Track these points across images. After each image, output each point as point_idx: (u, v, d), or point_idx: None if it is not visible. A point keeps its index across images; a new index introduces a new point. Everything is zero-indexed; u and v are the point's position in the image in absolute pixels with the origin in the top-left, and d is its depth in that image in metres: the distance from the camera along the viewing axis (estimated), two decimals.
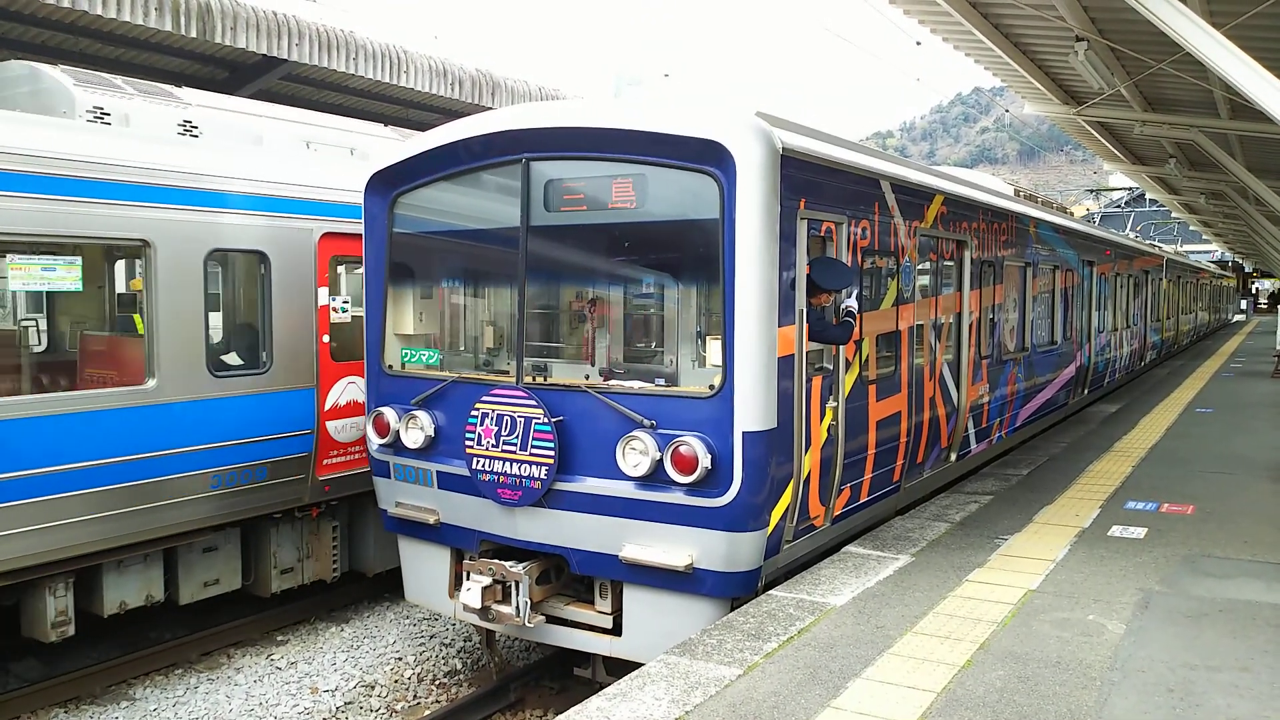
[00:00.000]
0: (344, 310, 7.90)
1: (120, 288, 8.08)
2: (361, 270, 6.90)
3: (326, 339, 7.76)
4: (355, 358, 7.72)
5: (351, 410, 7.92)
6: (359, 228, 6.84)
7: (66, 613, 6.53)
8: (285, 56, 11.03)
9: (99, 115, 7.02)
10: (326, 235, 7.74)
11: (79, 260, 6.71)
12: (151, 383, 6.66)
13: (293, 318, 7.53)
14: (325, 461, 7.81)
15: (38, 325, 8.04)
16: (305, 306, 7.61)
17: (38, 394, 6.83)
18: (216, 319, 7.37)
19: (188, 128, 7.55)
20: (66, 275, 6.55)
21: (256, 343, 7.53)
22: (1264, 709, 4.12)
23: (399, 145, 6.77)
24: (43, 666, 7.05)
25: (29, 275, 6.42)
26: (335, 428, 7.86)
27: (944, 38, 10.78)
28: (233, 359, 7.49)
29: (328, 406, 7.78)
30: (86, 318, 8.05)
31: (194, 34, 10.01)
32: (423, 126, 9.46)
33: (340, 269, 8.29)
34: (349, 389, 7.91)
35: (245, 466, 7.23)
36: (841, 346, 6.18)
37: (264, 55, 11.02)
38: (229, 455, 7.12)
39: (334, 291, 7.94)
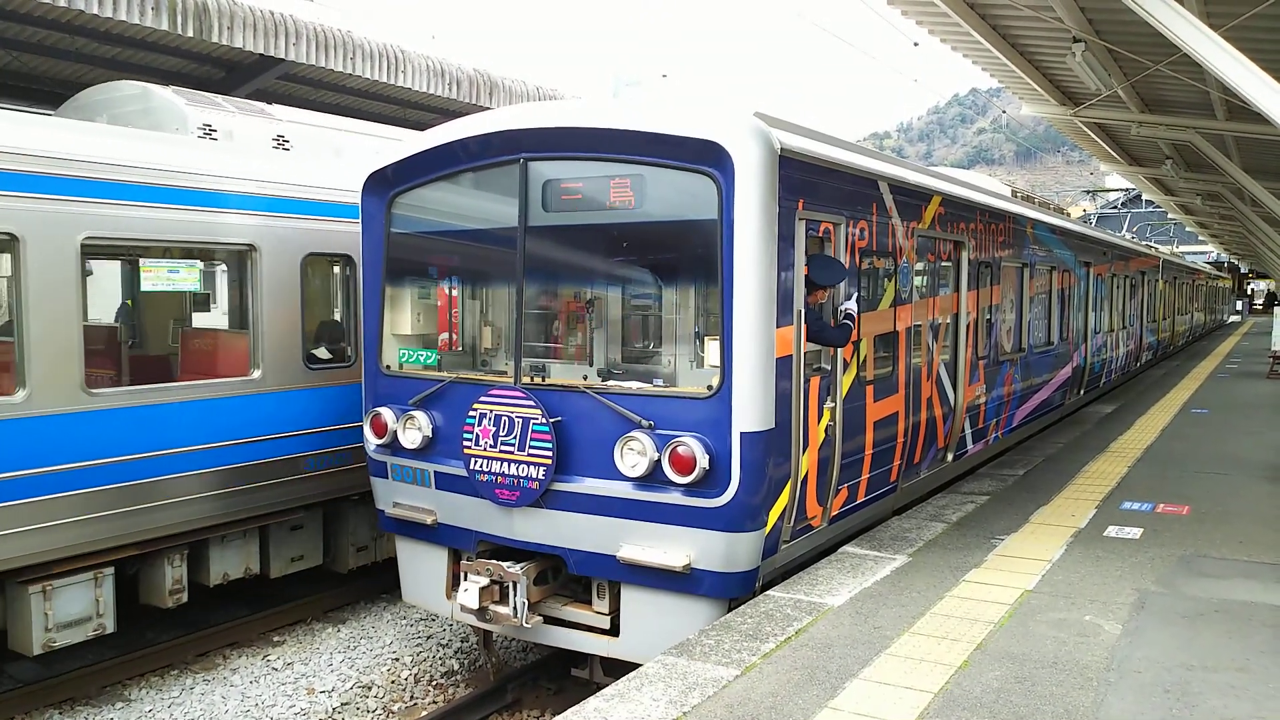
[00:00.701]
0: None
1: (223, 289, 9.13)
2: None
3: None
4: None
5: None
6: None
7: (181, 581, 7.14)
8: (282, 56, 10.99)
9: (208, 132, 7.68)
10: None
11: (198, 264, 7.57)
12: (256, 374, 7.36)
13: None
14: None
15: (174, 322, 8.96)
16: None
17: (169, 383, 7.32)
18: (310, 317, 7.97)
19: (280, 142, 8.19)
20: (187, 277, 7.41)
21: (343, 338, 8.26)
22: (1260, 709, 4.13)
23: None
24: (37, 668, 7.02)
25: (157, 277, 7.32)
26: None
27: (941, 38, 10.80)
28: (322, 353, 8.16)
29: None
30: (197, 315, 9.29)
31: (190, 33, 9.98)
32: (421, 126, 9.45)
33: None
34: None
35: (333, 451, 7.90)
36: (839, 348, 6.18)
37: (261, 55, 10.99)
38: (320, 441, 7.82)
39: None
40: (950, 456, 8.73)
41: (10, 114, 6.72)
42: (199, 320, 9.47)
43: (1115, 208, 50.59)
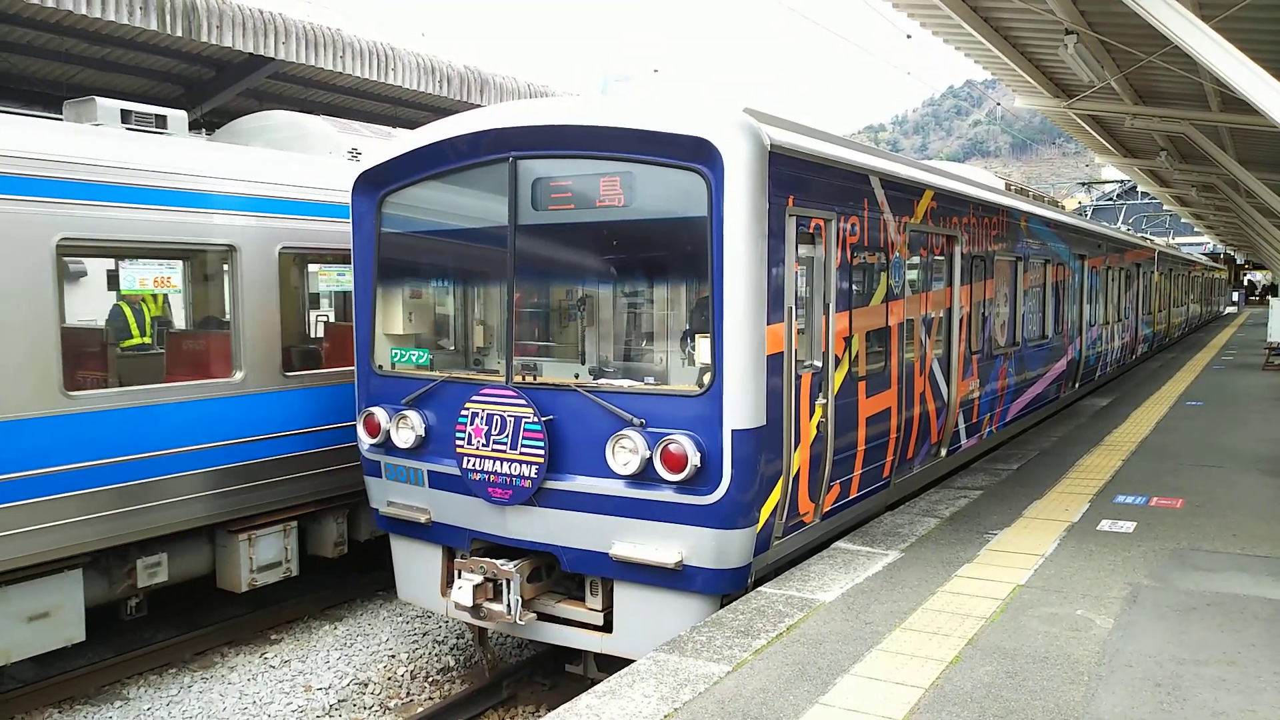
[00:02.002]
0: None
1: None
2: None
3: None
4: None
5: None
6: None
7: (342, 537, 8.29)
8: (272, 55, 10.96)
9: (355, 154, 8.56)
10: None
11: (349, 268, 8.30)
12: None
13: None
14: None
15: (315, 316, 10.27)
16: None
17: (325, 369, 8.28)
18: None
19: None
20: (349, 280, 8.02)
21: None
22: (1251, 703, 4.15)
23: None
24: (37, 667, 7.03)
25: (330, 280, 8.89)
26: None
27: (934, 31, 10.77)
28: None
29: None
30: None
31: (180, 33, 9.94)
32: (411, 124, 9.43)
33: None
34: None
35: None
36: (831, 343, 6.18)
37: (251, 54, 10.95)
38: None
39: None
40: (944, 451, 8.74)
41: (240, 147, 8.08)
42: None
43: (1111, 200, 50.55)
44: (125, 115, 7.26)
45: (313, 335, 9.80)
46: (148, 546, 6.97)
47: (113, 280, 10.08)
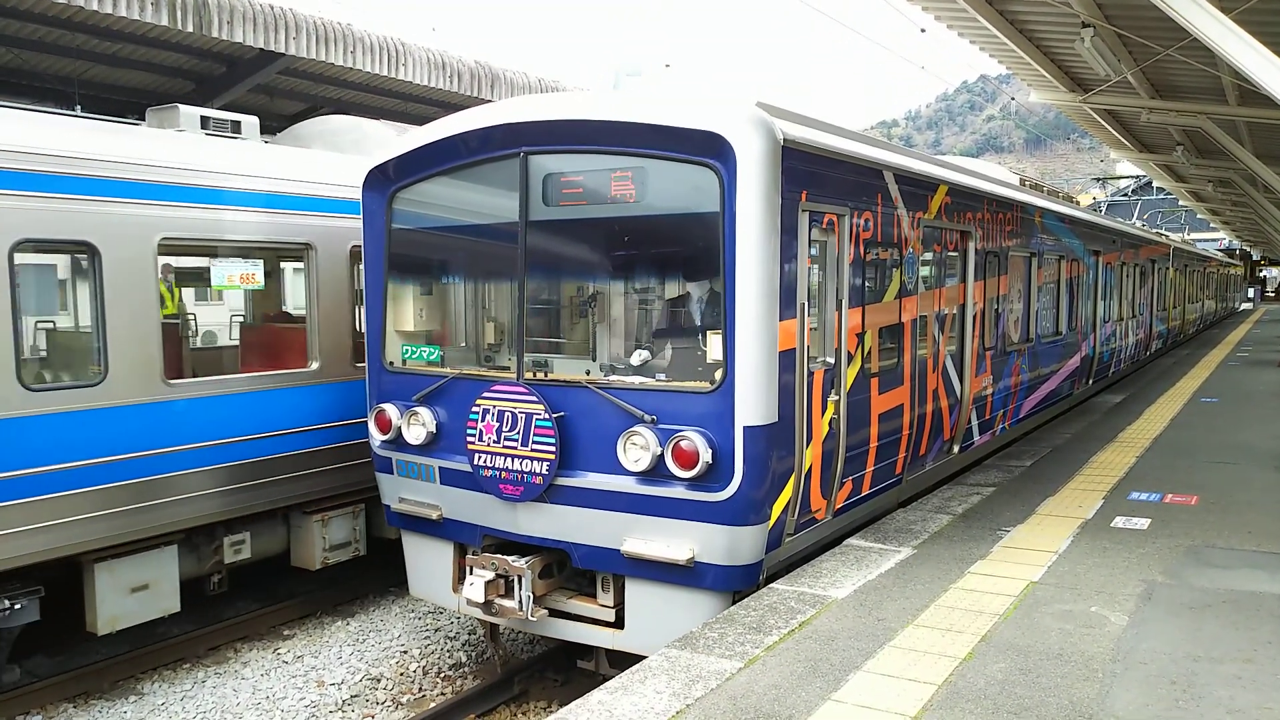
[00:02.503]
0: None
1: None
2: None
3: None
4: None
5: None
6: None
7: None
8: (283, 50, 10.97)
9: None
10: None
11: None
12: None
13: None
14: None
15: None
16: None
17: None
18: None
19: None
20: None
21: None
22: (1266, 700, 4.11)
23: None
24: (52, 663, 7.10)
25: None
26: None
27: (949, 25, 10.69)
28: None
29: None
30: None
31: (190, 29, 9.97)
32: (421, 120, 9.45)
33: None
34: None
35: None
36: (844, 339, 6.15)
37: (261, 49, 10.97)
38: None
39: None
40: (957, 448, 8.70)
41: (306, 150, 8.40)
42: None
43: (1126, 195, 50.14)
44: (204, 121, 7.69)
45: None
46: (232, 526, 7.49)
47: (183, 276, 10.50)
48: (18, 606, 6.17)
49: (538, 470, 5.71)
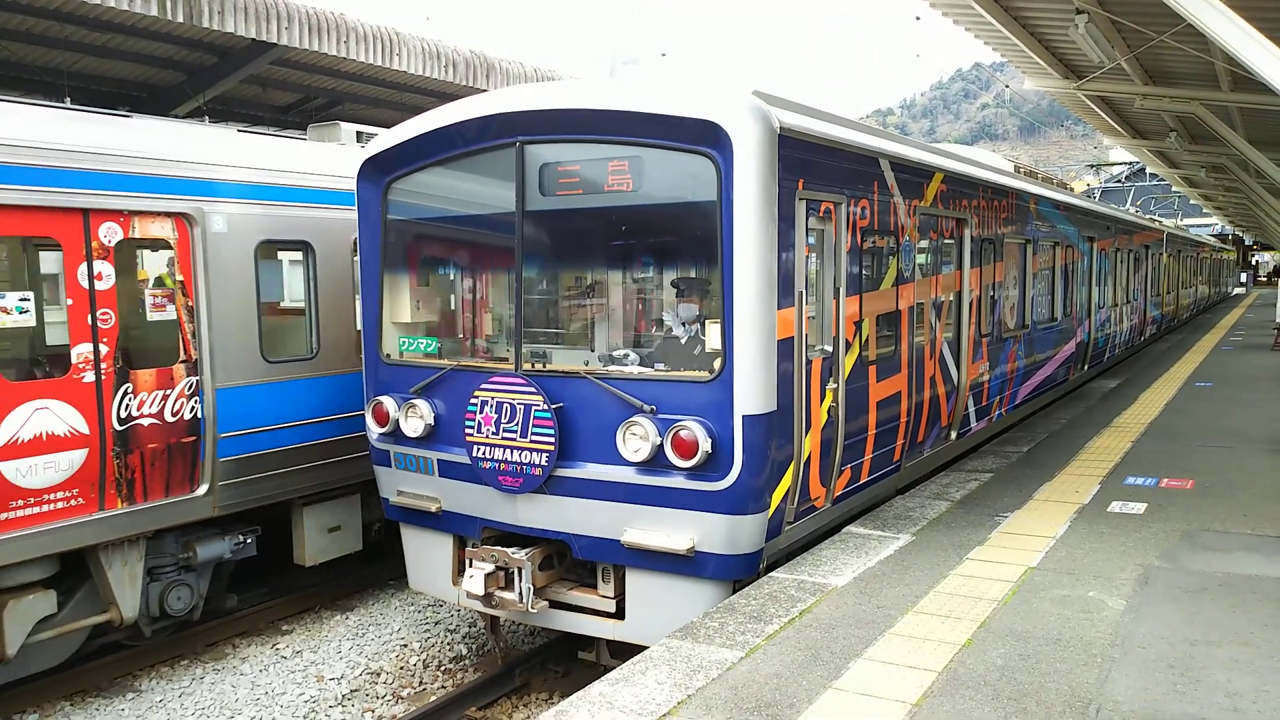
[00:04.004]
0: None
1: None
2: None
3: None
4: None
5: None
6: None
7: None
8: (275, 40, 10.87)
9: None
10: None
11: None
12: None
13: None
14: None
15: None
16: None
17: None
18: None
19: None
20: None
21: None
22: (1264, 683, 4.14)
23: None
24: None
25: None
26: None
27: (943, 12, 10.66)
28: None
29: None
30: None
31: (181, 19, 9.86)
32: (416, 110, 9.36)
33: None
34: None
35: None
36: (842, 327, 6.15)
37: (253, 39, 10.87)
38: None
39: None
40: (954, 434, 8.72)
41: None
42: None
43: (1119, 181, 50.16)
44: (359, 136, 8.62)
45: None
46: None
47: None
48: (249, 541, 7.37)
49: (537, 461, 5.71)
